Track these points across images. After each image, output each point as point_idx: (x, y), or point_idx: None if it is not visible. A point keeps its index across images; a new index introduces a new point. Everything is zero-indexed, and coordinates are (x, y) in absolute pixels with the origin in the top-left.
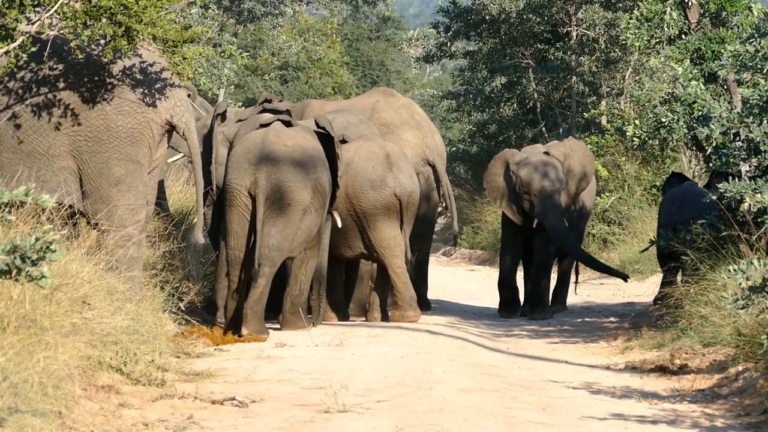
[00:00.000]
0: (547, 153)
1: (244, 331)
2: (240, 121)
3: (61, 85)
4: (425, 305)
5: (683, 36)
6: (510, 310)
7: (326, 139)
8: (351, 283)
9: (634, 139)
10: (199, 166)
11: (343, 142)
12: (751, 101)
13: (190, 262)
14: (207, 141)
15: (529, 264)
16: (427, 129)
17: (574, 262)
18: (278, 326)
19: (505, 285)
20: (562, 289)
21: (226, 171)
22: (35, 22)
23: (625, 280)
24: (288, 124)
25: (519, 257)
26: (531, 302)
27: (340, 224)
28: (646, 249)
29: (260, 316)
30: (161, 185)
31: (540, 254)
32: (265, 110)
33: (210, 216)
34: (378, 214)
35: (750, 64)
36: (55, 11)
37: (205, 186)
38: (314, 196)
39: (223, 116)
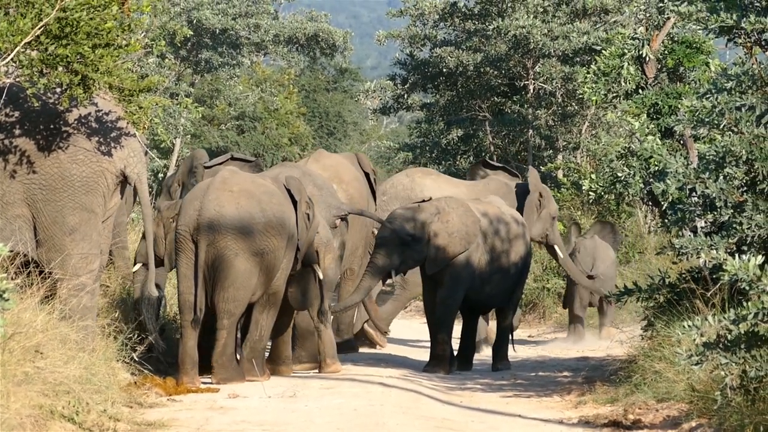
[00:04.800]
0: (418, 204)
1: (213, 380)
2: (207, 168)
3: (17, 132)
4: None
5: (640, 91)
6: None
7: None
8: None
9: (590, 193)
10: (149, 219)
11: None
12: (707, 157)
13: (144, 313)
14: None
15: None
16: None
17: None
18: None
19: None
20: (502, 344)
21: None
22: None
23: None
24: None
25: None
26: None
27: (321, 277)
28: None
29: (227, 365)
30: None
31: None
32: (234, 158)
33: None
34: None
35: (707, 119)
36: (11, 59)
37: None
38: (264, 240)
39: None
